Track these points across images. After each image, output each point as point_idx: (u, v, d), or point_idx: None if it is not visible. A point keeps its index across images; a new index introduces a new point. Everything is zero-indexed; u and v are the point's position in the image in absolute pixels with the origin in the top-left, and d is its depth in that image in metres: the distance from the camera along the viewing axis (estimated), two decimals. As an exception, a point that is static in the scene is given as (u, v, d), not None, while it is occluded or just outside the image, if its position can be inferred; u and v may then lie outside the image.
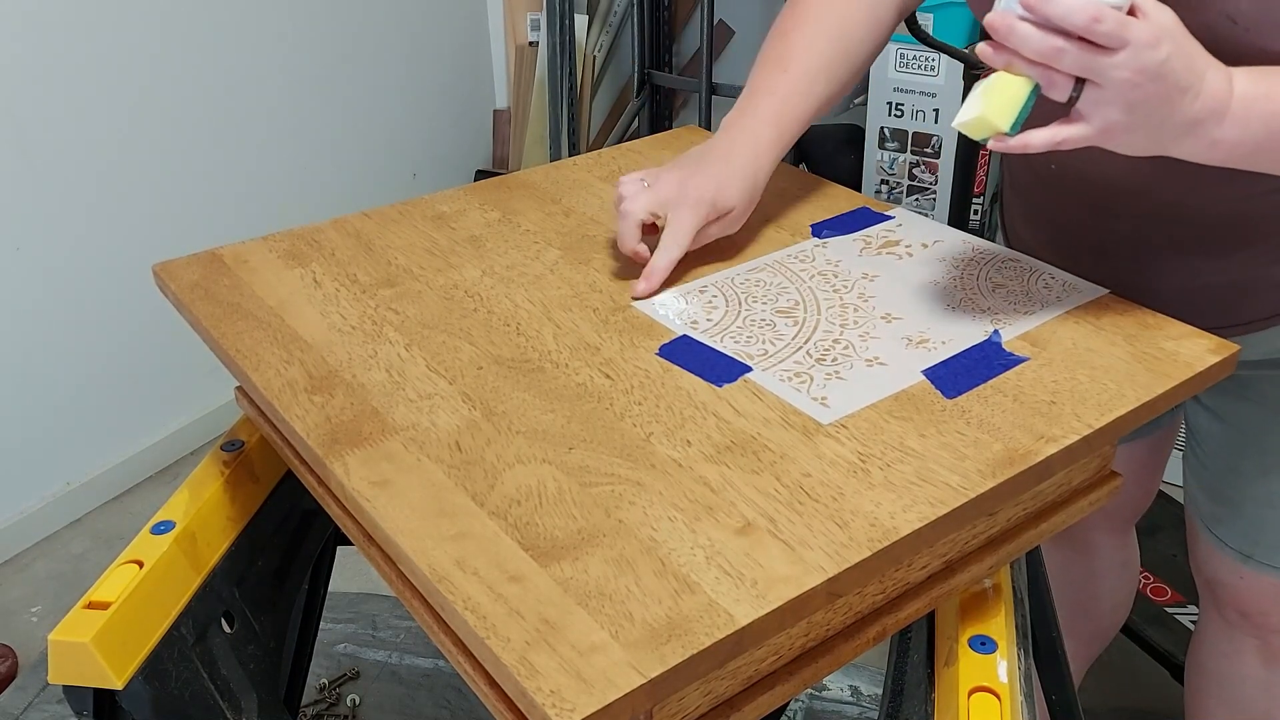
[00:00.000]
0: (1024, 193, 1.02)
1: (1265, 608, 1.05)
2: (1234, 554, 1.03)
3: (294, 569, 0.99)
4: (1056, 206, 0.96)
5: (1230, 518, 1.02)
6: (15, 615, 1.89)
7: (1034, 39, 0.64)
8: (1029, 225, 1.02)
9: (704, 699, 0.62)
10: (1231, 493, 1.01)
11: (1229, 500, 1.02)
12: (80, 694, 0.77)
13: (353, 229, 0.99)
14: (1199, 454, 1.04)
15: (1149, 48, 0.63)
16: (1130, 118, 0.66)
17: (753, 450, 0.68)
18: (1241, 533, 1.01)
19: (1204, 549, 1.07)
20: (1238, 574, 1.04)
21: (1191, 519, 1.08)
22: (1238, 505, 1.01)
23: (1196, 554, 1.10)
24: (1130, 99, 0.65)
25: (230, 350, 0.80)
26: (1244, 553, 1.02)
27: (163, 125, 2.06)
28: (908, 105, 2.20)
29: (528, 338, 0.81)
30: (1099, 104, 0.66)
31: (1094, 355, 0.77)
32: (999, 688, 0.68)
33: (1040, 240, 0.99)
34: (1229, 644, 1.12)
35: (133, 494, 2.17)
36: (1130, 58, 0.63)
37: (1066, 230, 0.96)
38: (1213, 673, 1.16)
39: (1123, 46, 0.63)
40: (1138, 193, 0.86)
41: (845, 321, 0.82)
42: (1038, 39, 0.64)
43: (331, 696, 1.59)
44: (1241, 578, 1.04)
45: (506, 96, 2.91)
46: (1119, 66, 0.64)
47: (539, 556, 0.60)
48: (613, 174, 1.10)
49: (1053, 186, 0.94)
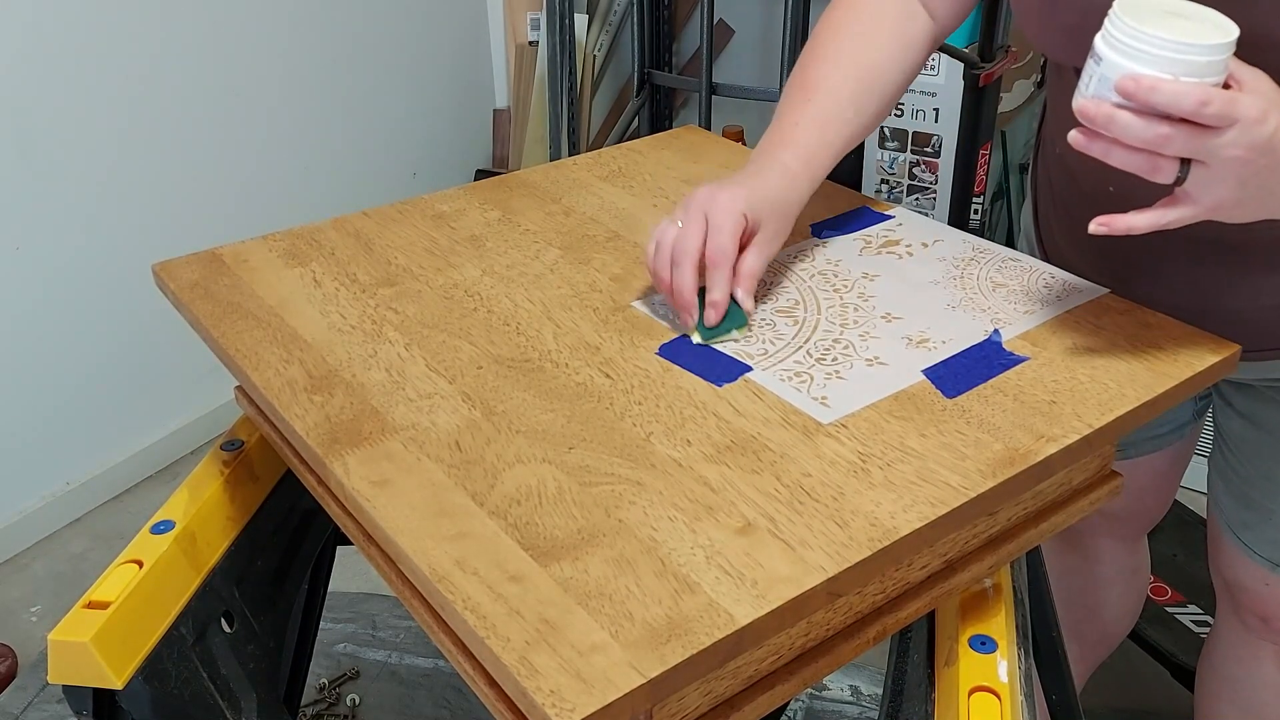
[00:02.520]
0: (1068, 207, 0.98)
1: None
2: (1262, 561, 1.01)
3: (294, 569, 0.99)
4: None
5: (1260, 524, 1.00)
6: (15, 615, 1.89)
7: (1137, 127, 0.62)
8: (1072, 244, 0.98)
9: (704, 699, 0.62)
10: (1264, 499, 0.99)
11: (1260, 507, 1.00)
12: (80, 694, 0.77)
13: (353, 228, 0.99)
14: (1229, 459, 1.02)
15: (1258, 123, 0.62)
16: (1241, 193, 0.65)
17: (753, 450, 0.68)
18: (1272, 540, 1.00)
19: (1228, 554, 1.05)
20: (1264, 580, 1.02)
21: (1216, 523, 1.06)
22: (1269, 513, 0.99)
23: (1219, 558, 1.08)
24: (1241, 175, 0.64)
25: (230, 349, 0.80)
26: (1274, 560, 1.00)
27: (163, 125, 2.06)
28: (908, 105, 2.20)
29: (528, 337, 0.81)
30: (1209, 183, 0.64)
31: (1094, 355, 0.77)
32: (999, 687, 0.68)
33: (1089, 262, 0.95)
34: (1246, 649, 1.11)
35: (132, 494, 2.17)
36: (1240, 135, 0.62)
37: (1117, 252, 0.91)
38: (1228, 677, 1.15)
39: (1232, 125, 0.61)
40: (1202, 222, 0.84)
41: (845, 321, 0.82)
42: (1141, 127, 0.62)
43: (331, 696, 1.59)
44: (1268, 584, 1.02)
45: (506, 96, 2.91)
46: (1229, 145, 0.62)
47: (539, 556, 0.60)
48: (612, 173, 1.10)
49: (1105, 207, 0.91)
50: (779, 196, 0.84)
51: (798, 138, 0.87)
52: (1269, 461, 0.98)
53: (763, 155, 0.87)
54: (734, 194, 0.81)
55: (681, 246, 0.80)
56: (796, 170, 0.86)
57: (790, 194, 0.85)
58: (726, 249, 0.80)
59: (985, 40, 2.11)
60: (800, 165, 0.86)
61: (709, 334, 0.80)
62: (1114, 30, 0.64)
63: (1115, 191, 0.83)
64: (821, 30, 0.92)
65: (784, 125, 0.88)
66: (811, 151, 0.87)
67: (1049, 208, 1.02)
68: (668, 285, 0.81)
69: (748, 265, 0.82)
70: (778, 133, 0.88)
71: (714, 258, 0.80)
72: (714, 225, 0.80)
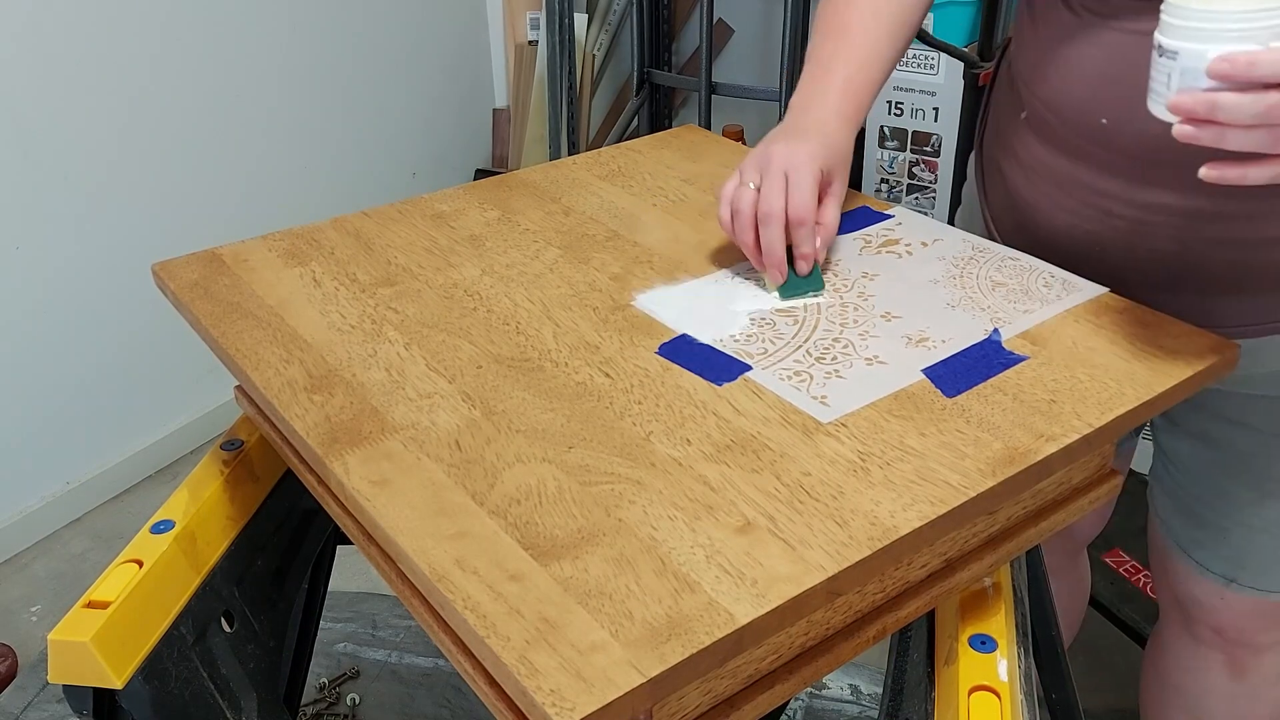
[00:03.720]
0: (1045, 164, 0.92)
1: (1243, 625, 1.04)
2: (1216, 578, 1.01)
3: (294, 568, 0.99)
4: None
5: (1213, 542, 1.00)
6: (15, 615, 1.89)
7: (1246, 104, 0.61)
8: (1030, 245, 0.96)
9: (704, 698, 0.62)
10: (1216, 517, 0.99)
11: (1211, 524, 1.00)
12: (80, 693, 0.77)
13: (352, 228, 0.99)
14: (1177, 478, 1.02)
15: None
16: None
17: (753, 449, 0.68)
18: (1226, 557, 1.00)
19: (1179, 572, 1.05)
20: (1219, 595, 1.02)
21: (1163, 542, 1.06)
22: (1223, 530, 0.99)
23: (1169, 575, 1.08)
24: None
25: (230, 349, 0.80)
26: (1228, 577, 1.00)
27: (163, 125, 2.06)
28: (908, 104, 2.20)
29: (527, 337, 0.81)
30: None
31: (1094, 354, 0.77)
32: (999, 686, 0.68)
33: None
34: (1195, 659, 1.11)
35: (132, 493, 2.17)
36: None
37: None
38: (1177, 686, 1.15)
39: None
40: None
41: (845, 320, 0.82)
42: (1250, 102, 0.61)
43: (331, 696, 1.59)
44: (1223, 599, 1.02)
45: (506, 95, 2.91)
46: None
47: (539, 555, 0.60)
48: (612, 173, 1.10)
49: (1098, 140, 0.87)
50: (843, 147, 0.87)
51: (847, 83, 0.88)
52: (1221, 479, 0.97)
53: (815, 105, 0.88)
54: (811, 151, 0.83)
55: (768, 206, 0.83)
56: (850, 115, 0.88)
57: (849, 142, 0.88)
58: (812, 205, 0.83)
59: (985, 39, 2.11)
60: (853, 110, 0.88)
61: (790, 292, 0.84)
62: (1181, 21, 0.63)
63: (1108, 124, 0.83)
64: None
65: (831, 70, 0.89)
66: (860, 96, 0.89)
67: (1016, 176, 0.97)
68: (755, 246, 0.84)
69: (829, 219, 0.85)
70: (824, 79, 0.89)
71: (800, 215, 0.82)
72: (794, 183, 0.83)
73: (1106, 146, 0.84)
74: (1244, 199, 0.80)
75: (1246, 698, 1.10)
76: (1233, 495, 0.97)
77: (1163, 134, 0.68)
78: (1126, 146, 0.83)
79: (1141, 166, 0.83)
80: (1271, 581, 0.99)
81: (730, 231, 0.85)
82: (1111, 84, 0.81)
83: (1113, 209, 0.86)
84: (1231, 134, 0.63)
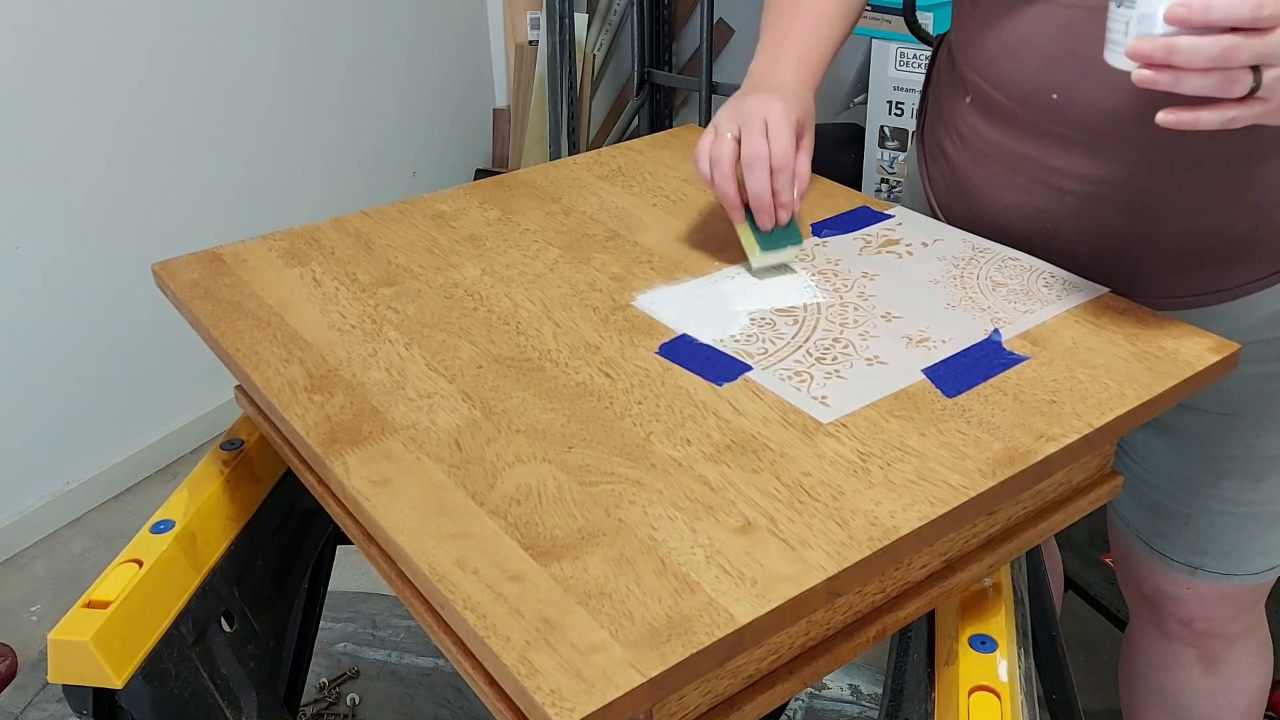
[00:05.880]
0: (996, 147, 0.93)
1: (1210, 614, 1.04)
2: (1181, 567, 1.01)
3: (294, 568, 0.99)
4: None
5: (1175, 531, 1.00)
6: (15, 615, 1.89)
7: (1203, 47, 0.62)
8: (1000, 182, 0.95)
9: (704, 698, 0.62)
10: (1177, 505, 0.99)
11: (1172, 513, 1.00)
12: (80, 693, 0.77)
13: (352, 228, 0.99)
14: (1135, 471, 1.02)
15: None
16: None
17: (753, 449, 0.68)
18: (1189, 545, 1.00)
19: (1144, 566, 1.05)
20: (1185, 585, 1.03)
21: (1126, 539, 1.06)
22: (1184, 517, 0.99)
23: (1134, 572, 1.08)
24: None
25: (230, 349, 0.80)
26: (1192, 564, 1.01)
27: (162, 125, 2.06)
28: (908, 104, 2.20)
29: (527, 337, 0.81)
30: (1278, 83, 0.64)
31: (1094, 354, 0.77)
32: (999, 687, 0.68)
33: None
34: (1168, 656, 1.11)
35: (132, 493, 2.17)
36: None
37: None
38: (1154, 685, 1.15)
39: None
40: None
41: (845, 320, 0.82)
42: (1206, 45, 0.62)
43: (331, 696, 1.59)
44: (1189, 588, 1.03)
45: (506, 95, 2.91)
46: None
47: (539, 555, 0.60)
48: (612, 173, 1.10)
49: (1051, 117, 0.87)
50: (810, 104, 0.89)
51: (803, 55, 0.91)
52: (1178, 465, 0.98)
53: (776, 71, 0.91)
54: (786, 102, 0.85)
55: (752, 149, 0.84)
56: (808, 81, 0.90)
57: (813, 101, 0.90)
58: (792, 150, 0.84)
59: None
60: (810, 78, 0.91)
61: (771, 245, 0.85)
62: None
63: (1060, 99, 0.84)
64: None
65: (786, 42, 0.92)
66: (816, 69, 0.92)
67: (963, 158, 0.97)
68: (736, 198, 0.85)
69: (804, 170, 0.86)
70: (781, 49, 0.92)
71: (782, 159, 0.84)
72: (774, 129, 0.84)
73: (1058, 121, 0.85)
74: (1194, 169, 0.81)
75: (1223, 691, 1.10)
76: (1190, 480, 0.97)
77: (1114, 107, 0.69)
78: (1078, 119, 0.84)
79: (1092, 140, 0.84)
80: (1235, 565, 1.00)
81: (710, 183, 0.86)
82: (1060, 60, 0.82)
83: (1064, 185, 0.87)
84: (1188, 78, 0.64)
